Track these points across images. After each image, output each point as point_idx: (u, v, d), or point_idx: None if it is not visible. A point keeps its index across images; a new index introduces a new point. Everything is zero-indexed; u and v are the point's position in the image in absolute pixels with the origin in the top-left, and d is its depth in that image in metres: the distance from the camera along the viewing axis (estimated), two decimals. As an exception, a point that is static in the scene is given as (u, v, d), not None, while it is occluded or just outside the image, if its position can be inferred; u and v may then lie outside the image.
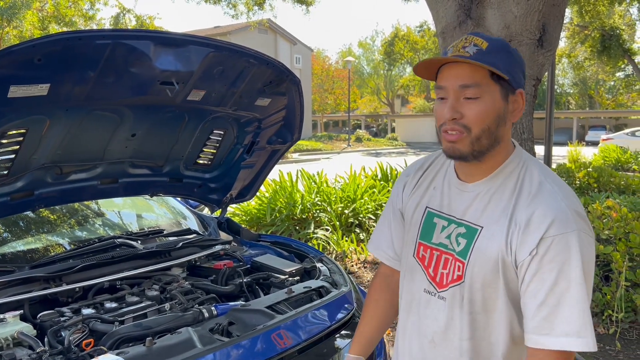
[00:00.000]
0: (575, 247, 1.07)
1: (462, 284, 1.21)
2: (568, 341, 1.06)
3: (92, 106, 2.06)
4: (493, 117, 1.14)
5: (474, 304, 1.20)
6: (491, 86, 1.14)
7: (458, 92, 1.15)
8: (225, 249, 2.80)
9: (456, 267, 1.22)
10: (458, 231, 1.23)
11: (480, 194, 1.22)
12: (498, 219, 1.17)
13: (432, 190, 1.33)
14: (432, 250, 1.29)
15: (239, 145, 2.82)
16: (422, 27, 38.38)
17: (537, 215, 1.11)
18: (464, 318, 1.21)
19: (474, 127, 1.14)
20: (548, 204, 1.12)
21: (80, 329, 1.87)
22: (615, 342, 3.56)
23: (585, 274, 1.08)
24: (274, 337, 1.86)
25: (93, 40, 1.77)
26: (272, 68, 2.36)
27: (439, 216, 1.29)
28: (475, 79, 1.13)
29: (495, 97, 1.14)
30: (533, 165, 1.21)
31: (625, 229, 3.83)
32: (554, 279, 1.07)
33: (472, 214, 1.22)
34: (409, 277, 1.36)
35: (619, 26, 17.83)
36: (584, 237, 1.09)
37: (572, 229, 1.08)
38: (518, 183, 1.18)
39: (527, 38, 4.84)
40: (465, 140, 1.15)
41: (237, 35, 32.27)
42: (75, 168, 2.37)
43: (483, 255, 1.17)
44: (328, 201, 6.55)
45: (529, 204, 1.14)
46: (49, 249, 2.62)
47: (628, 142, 18.26)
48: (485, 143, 1.16)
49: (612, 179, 6.29)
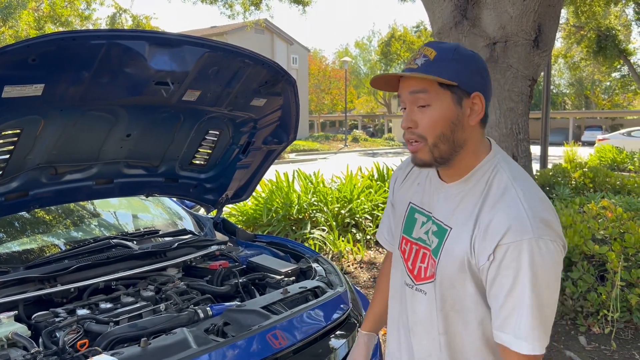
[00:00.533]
0: (529, 255, 1.08)
1: (434, 282, 1.26)
2: (519, 344, 1.11)
3: (87, 106, 2.06)
4: (446, 123, 1.17)
5: (445, 302, 1.24)
6: (440, 93, 1.16)
7: (411, 100, 1.19)
8: (221, 249, 2.79)
9: (430, 264, 1.28)
10: (433, 228, 1.28)
11: (452, 195, 1.25)
12: (465, 222, 1.20)
13: (417, 186, 1.38)
14: (412, 244, 1.34)
15: (234, 146, 2.82)
16: (418, 27, 38.42)
17: (495, 221, 1.14)
18: (439, 314, 1.26)
19: (429, 136, 1.18)
20: (507, 210, 1.13)
21: (75, 330, 1.86)
22: (610, 341, 3.57)
23: (540, 280, 1.09)
24: (269, 337, 1.86)
25: (88, 41, 1.77)
26: (268, 68, 2.36)
27: (419, 212, 1.34)
28: (423, 85, 1.17)
29: (446, 103, 1.17)
30: (504, 168, 1.22)
31: (620, 229, 3.84)
32: (510, 285, 1.11)
33: (444, 214, 1.26)
34: (395, 267, 1.43)
35: (615, 27, 17.88)
36: (542, 244, 1.09)
37: (528, 236, 1.09)
38: (486, 187, 1.20)
39: (523, 38, 4.85)
40: (424, 149, 1.19)
41: (233, 35, 32.24)
42: (70, 168, 2.36)
43: (450, 256, 1.21)
44: (324, 201, 6.55)
45: (491, 209, 1.16)
46: (44, 250, 2.61)
47: (624, 143, 18.31)
48: (444, 149, 1.19)
49: (608, 179, 6.30)
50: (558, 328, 3.85)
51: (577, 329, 3.80)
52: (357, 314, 2.29)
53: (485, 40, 4.89)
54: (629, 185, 6.14)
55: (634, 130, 21.46)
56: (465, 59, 1.19)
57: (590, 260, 3.88)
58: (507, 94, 4.96)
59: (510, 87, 4.96)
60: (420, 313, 1.31)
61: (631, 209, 4.48)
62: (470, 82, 1.18)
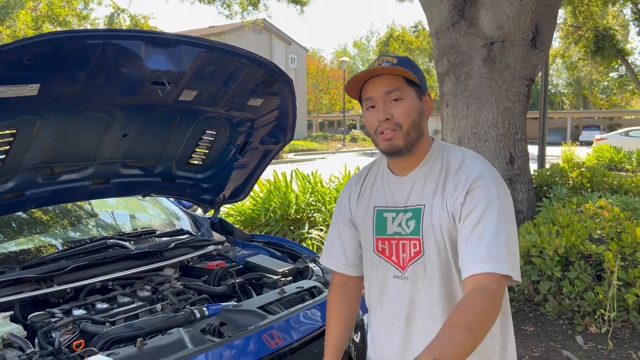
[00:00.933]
0: (494, 193, 1.32)
1: (423, 257, 1.40)
2: (489, 266, 1.24)
3: (83, 106, 2.06)
4: (416, 113, 1.40)
5: (435, 271, 1.39)
6: (408, 89, 1.39)
7: (385, 98, 1.38)
8: (218, 249, 2.79)
9: (412, 245, 1.42)
10: (406, 217, 1.44)
11: (417, 181, 1.44)
12: (434, 194, 1.40)
13: (375, 192, 1.53)
14: (389, 241, 1.47)
15: (231, 146, 2.81)
16: (416, 27, 38.35)
17: (462, 176, 1.37)
18: (430, 285, 1.40)
19: (404, 123, 1.38)
20: (469, 170, 1.38)
21: (70, 330, 1.86)
22: (607, 341, 3.57)
23: (506, 213, 1.31)
24: (266, 337, 1.86)
25: (83, 40, 1.77)
26: (264, 68, 2.35)
27: (386, 211, 1.48)
28: (396, 85, 1.38)
29: (413, 97, 1.40)
30: (453, 148, 1.47)
31: (617, 228, 3.84)
32: (478, 218, 1.29)
33: (414, 199, 1.43)
34: (375, 271, 1.52)
35: (613, 27, 17.90)
36: (498, 188, 1.35)
37: (490, 181, 1.35)
38: (444, 164, 1.43)
39: (520, 38, 4.86)
40: (399, 135, 1.38)
41: (231, 35, 32.21)
42: (67, 168, 2.36)
43: (431, 226, 1.38)
44: (322, 201, 6.55)
45: (455, 176, 1.39)
46: (40, 250, 2.61)
47: (622, 142, 18.30)
48: (414, 135, 1.40)
49: (605, 179, 6.30)
50: (555, 327, 3.86)
51: (574, 328, 3.81)
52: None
53: (482, 40, 4.90)
54: (627, 185, 6.15)
55: (632, 130, 21.48)
56: (417, 67, 1.44)
57: (587, 259, 3.88)
58: (504, 94, 4.97)
59: (508, 87, 4.96)
60: (410, 297, 1.43)
61: (628, 209, 4.48)
62: (423, 84, 1.44)
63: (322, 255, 1.68)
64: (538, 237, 3.97)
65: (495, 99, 4.96)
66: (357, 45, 52.50)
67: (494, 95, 4.95)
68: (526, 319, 4.03)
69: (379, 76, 1.39)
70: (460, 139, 5.10)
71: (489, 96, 4.95)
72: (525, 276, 4.04)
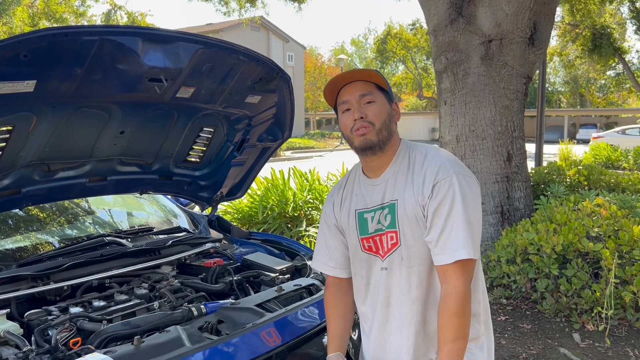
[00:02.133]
0: (457, 184, 1.47)
1: (400, 247, 1.56)
2: (459, 253, 1.44)
3: (80, 103, 2.04)
4: (386, 114, 1.58)
5: (412, 259, 1.55)
6: (379, 94, 1.59)
7: (359, 100, 1.57)
8: (216, 247, 2.78)
9: (389, 237, 1.58)
10: (383, 213, 1.60)
11: (389, 179, 1.60)
12: (404, 188, 1.56)
13: (355, 197, 1.69)
14: (372, 238, 1.63)
15: (229, 143, 2.80)
16: (414, 25, 38.34)
17: (428, 172, 1.53)
18: (407, 272, 1.56)
19: (376, 122, 1.55)
20: (433, 163, 1.54)
21: (67, 328, 1.85)
22: (604, 339, 3.58)
23: (468, 202, 1.47)
24: (264, 335, 1.85)
25: (80, 37, 1.75)
26: (262, 65, 2.34)
27: (366, 212, 1.64)
28: (369, 89, 1.58)
29: (384, 101, 1.59)
30: (417, 146, 1.64)
31: (614, 226, 3.85)
32: (447, 211, 1.46)
33: (388, 195, 1.59)
34: (365, 268, 1.67)
35: (610, 25, 17.91)
36: (462, 177, 1.50)
37: (453, 172, 1.50)
38: (410, 160, 1.59)
39: (518, 36, 4.86)
40: (372, 132, 1.54)
41: (229, 32, 32.12)
42: (63, 166, 2.34)
43: (405, 217, 1.54)
44: (320, 199, 6.54)
45: (420, 169, 1.55)
46: (37, 247, 2.60)
47: (618, 140, 18.37)
48: (385, 134, 1.56)
49: (602, 176, 6.30)
50: (552, 325, 3.86)
51: (571, 326, 3.82)
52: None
53: (480, 38, 4.89)
54: (623, 183, 6.16)
55: (629, 128, 21.54)
56: (385, 79, 1.62)
57: (584, 257, 3.89)
58: (502, 92, 4.97)
59: (506, 85, 4.96)
60: (389, 284, 1.60)
61: (625, 207, 4.49)
62: (391, 93, 1.64)
63: (312, 259, 1.85)
64: (535, 235, 3.98)
65: (493, 97, 4.96)
66: (355, 43, 52.46)
67: (492, 93, 4.95)
68: (523, 316, 4.03)
69: (353, 83, 1.59)
70: (458, 136, 5.10)
71: (486, 94, 4.95)
72: (522, 274, 4.04)
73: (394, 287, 1.59)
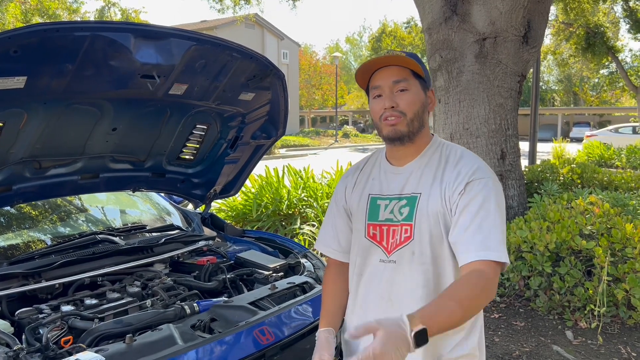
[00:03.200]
0: (492, 187, 1.42)
1: (412, 242, 1.47)
2: (487, 254, 1.33)
3: (71, 100, 2.02)
4: (420, 104, 1.48)
5: (424, 256, 1.46)
6: (414, 81, 1.48)
7: (392, 87, 1.47)
8: (209, 244, 2.77)
9: (403, 231, 1.49)
10: (400, 205, 1.51)
11: (414, 171, 1.52)
12: (432, 184, 1.47)
13: (371, 181, 1.60)
14: (380, 226, 1.54)
15: (222, 140, 2.79)
16: (409, 23, 38.40)
17: (463, 169, 1.45)
18: (416, 270, 1.46)
19: (408, 112, 1.46)
20: (470, 163, 1.47)
21: (59, 326, 1.83)
22: (597, 336, 3.60)
23: (500, 207, 1.41)
24: (257, 333, 1.85)
25: (71, 32, 1.73)
26: (256, 62, 2.33)
27: (380, 198, 1.55)
28: (404, 75, 1.47)
29: (418, 89, 1.49)
30: (452, 145, 1.56)
31: (607, 224, 3.87)
32: (477, 210, 1.38)
33: (410, 187, 1.51)
34: (363, 255, 1.58)
35: (603, 24, 17.97)
36: (496, 183, 1.45)
37: (489, 176, 1.44)
38: (443, 156, 1.51)
39: (513, 34, 4.86)
40: (403, 122, 1.46)
41: (224, 29, 32.02)
42: (55, 163, 2.32)
43: (425, 212, 1.45)
44: (314, 197, 6.54)
45: (454, 167, 1.47)
46: (28, 245, 2.57)
47: (611, 139, 18.47)
48: (417, 125, 1.48)
49: (596, 175, 6.34)
50: (545, 322, 3.88)
51: (564, 323, 3.83)
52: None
53: (475, 36, 4.90)
54: (616, 181, 6.19)
55: (622, 126, 21.67)
56: (424, 64, 1.51)
57: (577, 255, 3.90)
58: (496, 90, 4.97)
59: (500, 83, 4.97)
60: (394, 279, 1.50)
61: (618, 205, 4.51)
62: (428, 79, 1.53)
63: (317, 240, 1.76)
64: (529, 233, 3.99)
65: (487, 95, 4.96)
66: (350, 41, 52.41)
67: (486, 91, 4.95)
68: (516, 314, 4.05)
69: (388, 67, 1.48)
70: (452, 134, 5.10)
71: (480, 92, 4.96)
72: (516, 271, 4.06)
73: (399, 283, 1.50)
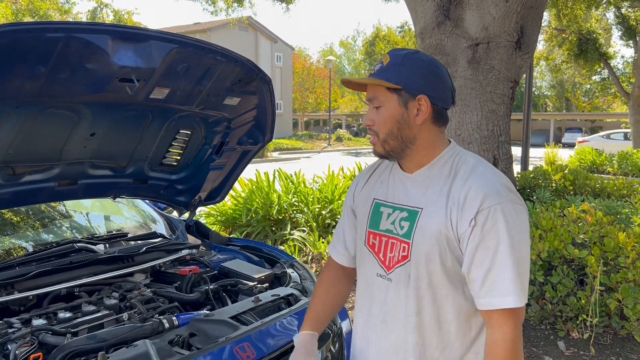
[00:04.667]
0: (505, 217, 1.23)
1: (409, 263, 1.34)
2: (506, 300, 1.22)
3: (46, 103, 1.94)
4: (393, 122, 1.33)
5: (420, 280, 1.33)
6: (388, 96, 1.33)
7: (370, 104, 1.37)
8: (192, 253, 2.68)
9: (401, 248, 1.35)
10: (401, 216, 1.37)
11: (419, 181, 1.37)
12: (436, 200, 1.31)
13: (380, 184, 1.48)
14: (380, 236, 1.41)
15: (207, 146, 2.71)
16: (402, 27, 38.45)
17: (472, 191, 1.26)
18: (410, 294, 1.34)
19: (380, 132, 1.35)
20: (480, 181, 1.28)
21: (28, 342, 1.74)
22: (589, 347, 3.54)
23: (516, 239, 1.24)
24: (237, 350, 1.76)
25: (43, 33, 1.65)
26: (241, 66, 2.26)
27: (384, 205, 1.43)
28: (375, 93, 1.35)
29: (392, 105, 1.32)
30: (468, 155, 1.38)
31: (600, 232, 3.81)
32: (494, 248, 1.23)
33: (413, 199, 1.37)
34: (362, 264, 1.48)
35: (596, 30, 18.06)
36: (514, 206, 1.26)
37: (503, 200, 1.25)
38: (452, 169, 1.34)
39: (505, 40, 4.81)
40: (377, 143, 1.37)
41: (217, 32, 31.92)
42: (30, 169, 2.23)
43: (425, 232, 1.31)
44: (305, 202, 6.46)
45: (464, 183, 1.29)
46: (3, 253, 2.47)
47: (603, 145, 18.55)
48: (394, 144, 1.35)
49: (588, 181, 6.31)
50: (537, 333, 3.82)
51: (556, 333, 3.77)
52: (331, 323, 2.20)
53: (467, 41, 4.84)
54: (609, 188, 6.16)
55: (613, 132, 21.77)
56: (412, 64, 1.32)
57: (570, 264, 3.85)
58: (489, 96, 4.92)
59: (493, 89, 4.91)
60: (389, 300, 1.38)
61: (611, 213, 4.47)
62: (415, 85, 1.31)
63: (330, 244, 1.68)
64: (521, 241, 3.93)
65: (479, 101, 4.91)
66: (344, 45, 52.45)
67: (479, 97, 4.90)
68: (508, 323, 3.98)
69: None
70: (444, 140, 5.04)
71: (473, 98, 4.90)
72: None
73: (393, 305, 1.38)
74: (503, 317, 1.23)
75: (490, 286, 1.23)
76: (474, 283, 1.26)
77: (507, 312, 1.22)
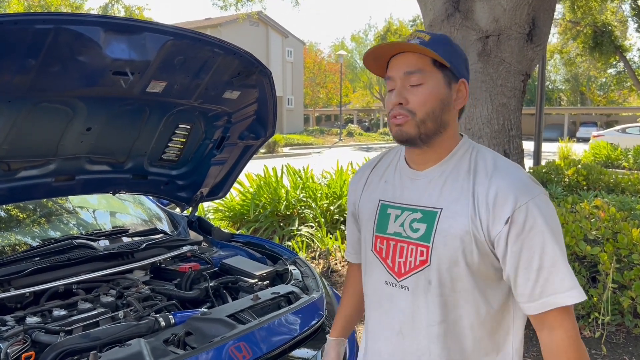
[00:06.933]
0: (542, 210, 1.15)
1: (428, 268, 1.22)
2: (570, 295, 1.14)
3: (38, 98, 1.90)
4: (437, 101, 1.20)
5: (443, 286, 1.22)
6: (434, 73, 1.20)
7: (404, 80, 1.21)
8: (193, 250, 2.64)
9: (418, 252, 1.24)
10: (413, 217, 1.26)
11: (434, 179, 1.25)
12: (458, 198, 1.21)
13: (384, 184, 1.36)
14: (388, 240, 1.30)
15: (207, 141, 2.66)
16: (414, 21, 38.13)
17: (502, 188, 1.16)
18: (432, 302, 1.23)
19: (418, 111, 1.20)
20: (509, 177, 1.18)
21: (21, 340, 1.71)
22: (601, 345, 3.46)
23: (556, 230, 1.17)
24: (232, 350, 1.72)
25: (32, 25, 1.61)
26: (240, 59, 2.20)
27: (392, 207, 1.31)
28: (419, 66, 1.19)
29: (438, 83, 1.21)
30: (483, 149, 1.28)
31: (613, 229, 3.71)
32: (541, 244, 1.14)
33: (428, 199, 1.25)
34: (369, 272, 1.37)
35: (611, 22, 17.73)
36: (545, 198, 1.18)
37: (535, 193, 1.16)
38: (472, 164, 1.24)
39: (517, 32, 4.70)
40: (410, 122, 1.20)
41: (228, 27, 31.91)
42: (25, 164, 2.20)
43: (448, 234, 1.20)
44: (313, 197, 6.41)
45: (490, 179, 1.19)
46: (1, 250, 2.45)
47: (619, 139, 18.24)
48: (431, 126, 1.21)
49: (602, 176, 6.17)
50: (548, 331, 3.74)
51: (567, 332, 3.69)
52: (332, 321, 2.15)
53: (477, 34, 4.74)
54: (623, 183, 6.03)
55: (629, 127, 21.40)
56: (456, 47, 1.25)
57: (582, 261, 3.76)
58: (499, 89, 4.82)
59: (503, 82, 4.81)
60: (407, 310, 1.27)
61: (624, 209, 4.35)
62: (459, 68, 1.24)
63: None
64: (531, 238, 3.84)
65: (489, 95, 4.81)
66: (355, 39, 52.13)
67: (489, 90, 4.80)
68: (518, 321, 3.91)
69: (404, 53, 1.21)
70: (454, 135, 4.96)
71: (483, 91, 4.81)
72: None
73: (413, 316, 1.26)
74: (561, 314, 1.16)
75: (543, 286, 1.15)
76: (523, 287, 1.17)
77: (564, 309, 1.16)
